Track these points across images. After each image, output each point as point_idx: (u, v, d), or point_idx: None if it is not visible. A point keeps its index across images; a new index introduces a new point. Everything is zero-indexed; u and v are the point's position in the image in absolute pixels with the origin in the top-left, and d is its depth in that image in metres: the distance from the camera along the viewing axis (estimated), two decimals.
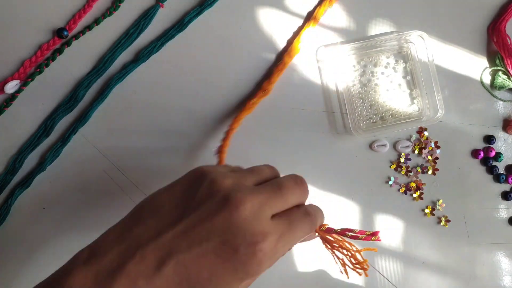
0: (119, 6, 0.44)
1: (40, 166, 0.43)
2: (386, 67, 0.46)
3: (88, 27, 0.44)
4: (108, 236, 0.28)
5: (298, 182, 0.31)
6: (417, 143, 0.45)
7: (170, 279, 0.26)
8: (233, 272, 0.27)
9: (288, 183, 0.31)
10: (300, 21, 0.45)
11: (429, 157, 0.45)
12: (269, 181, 0.31)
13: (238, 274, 0.27)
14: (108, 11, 0.44)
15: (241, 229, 0.27)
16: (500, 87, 0.46)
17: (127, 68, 0.44)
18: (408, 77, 0.46)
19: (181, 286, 0.26)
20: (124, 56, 0.44)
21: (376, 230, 0.32)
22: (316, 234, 0.33)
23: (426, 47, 0.44)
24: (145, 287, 0.26)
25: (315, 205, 0.33)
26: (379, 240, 0.32)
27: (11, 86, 0.43)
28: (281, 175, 0.44)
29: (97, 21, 0.44)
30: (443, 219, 0.45)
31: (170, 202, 0.29)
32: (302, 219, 0.30)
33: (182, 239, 0.27)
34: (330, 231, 0.32)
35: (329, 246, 0.33)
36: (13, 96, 0.43)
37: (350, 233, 0.32)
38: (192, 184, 0.29)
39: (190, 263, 0.26)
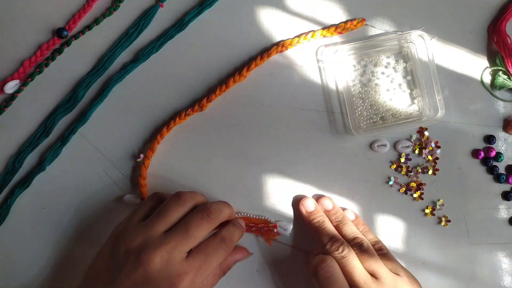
0: (119, 6, 0.44)
1: (40, 166, 0.43)
2: (386, 67, 0.45)
3: (88, 27, 0.44)
4: None
5: (205, 216, 0.36)
6: (418, 143, 0.45)
7: None
8: None
9: (194, 221, 0.36)
10: (299, 21, 0.45)
11: (430, 157, 0.45)
12: (177, 223, 0.36)
13: None
14: (108, 11, 0.44)
15: (158, 279, 0.33)
16: (501, 87, 0.46)
17: (126, 68, 0.44)
18: (409, 77, 0.46)
19: None
20: (124, 56, 0.44)
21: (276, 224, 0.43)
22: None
23: (427, 47, 0.43)
24: None
25: (232, 226, 0.39)
26: (276, 227, 0.43)
27: (11, 86, 0.43)
28: (282, 176, 0.44)
29: (97, 21, 0.44)
30: (443, 219, 0.45)
31: (104, 266, 0.35)
32: (218, 248, 0.36)
33: None
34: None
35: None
36: (12, 96, 0.43)
37: (254, 228, 0.43)
38: (113, 248, 0.36)
39: None
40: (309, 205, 0.42)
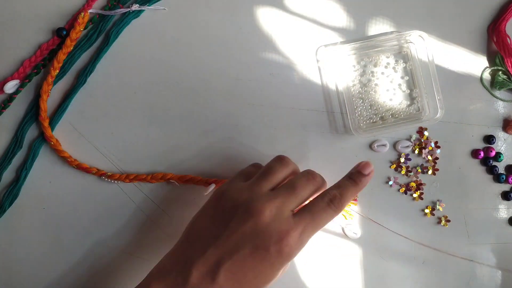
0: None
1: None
2: (386, 67, 0.46)
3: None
4: (167, 259, 0.35)
5: (310, 178, 0.36)
6: (417, 143, 0.45)
7: (224, 285, 0.32)
8: (271, 267, 0.33)
9: (300, 181, 0.36)
10: (299, 21, 0.45)
11: (429, 157, 0.45)
12: (283, 183, 0.36)
13: (274, 267, 0.33)
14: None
15: (266, 232, 0.33)
16: (500, 87, 0.46)
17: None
18: (408, 77, 0.46)
19: None
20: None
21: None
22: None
23: (426, 47, 0.44)
24: None
25: (344, 182, 0.37)
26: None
27: (11, 86, 0.43)
28: None
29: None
30: (443, 219, 0.45)
31: (206, 225, 0.35)
32: (325, 208, 0.35)
33: (223, 250, 0.33)
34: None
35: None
36: (10, 98, 0.43)
37: None
38: (216, 206, 0.36)
39: (235, 268, 0.32)
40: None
